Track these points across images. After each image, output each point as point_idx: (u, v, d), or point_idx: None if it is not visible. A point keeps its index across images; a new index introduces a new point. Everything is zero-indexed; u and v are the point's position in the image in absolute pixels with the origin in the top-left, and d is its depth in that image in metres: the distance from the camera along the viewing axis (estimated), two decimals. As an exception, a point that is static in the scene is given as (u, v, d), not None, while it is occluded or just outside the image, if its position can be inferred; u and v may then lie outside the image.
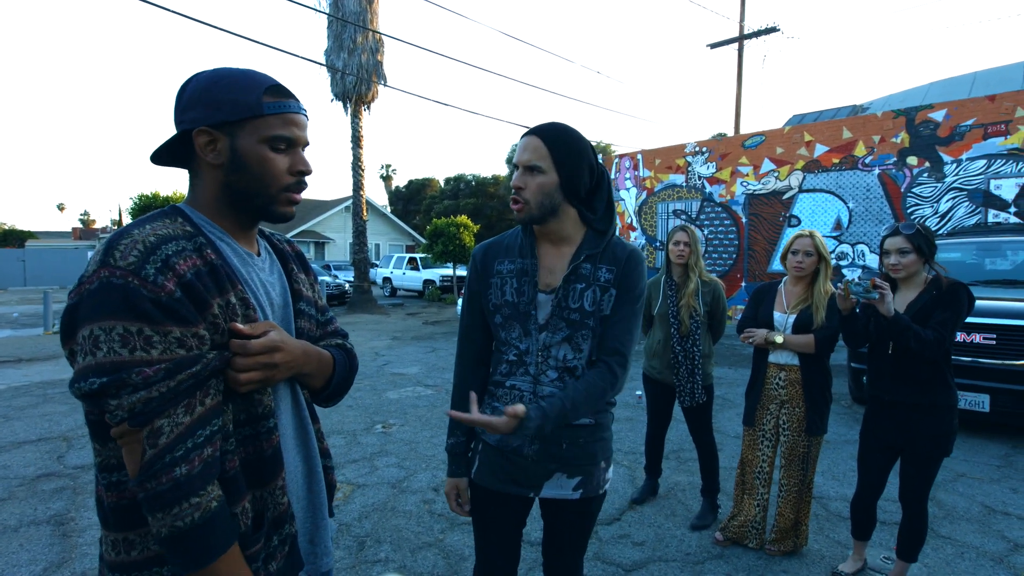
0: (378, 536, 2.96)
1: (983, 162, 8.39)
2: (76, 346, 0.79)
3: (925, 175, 8.91)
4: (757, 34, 15.69)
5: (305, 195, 1.05)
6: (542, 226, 1.36)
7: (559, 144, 1.29)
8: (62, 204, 51.77)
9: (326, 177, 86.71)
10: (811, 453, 2.64)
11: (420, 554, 2.78)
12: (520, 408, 1.17)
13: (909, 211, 9.04)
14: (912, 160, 9.01)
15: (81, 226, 60.65)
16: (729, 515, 2.92)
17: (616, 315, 1.32)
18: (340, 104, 15.58)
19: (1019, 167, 8.11)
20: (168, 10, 7.51)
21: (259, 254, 1.02)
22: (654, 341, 3.24)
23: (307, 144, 0.98)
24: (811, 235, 2.62)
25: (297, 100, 0.96)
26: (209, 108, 0.88)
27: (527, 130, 1.33)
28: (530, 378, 1.36)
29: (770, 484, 2.79)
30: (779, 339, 2.61)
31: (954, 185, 8.64)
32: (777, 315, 2.71)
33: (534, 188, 1.29)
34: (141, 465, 0.77)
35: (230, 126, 0.89)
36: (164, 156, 0.96)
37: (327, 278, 17.35)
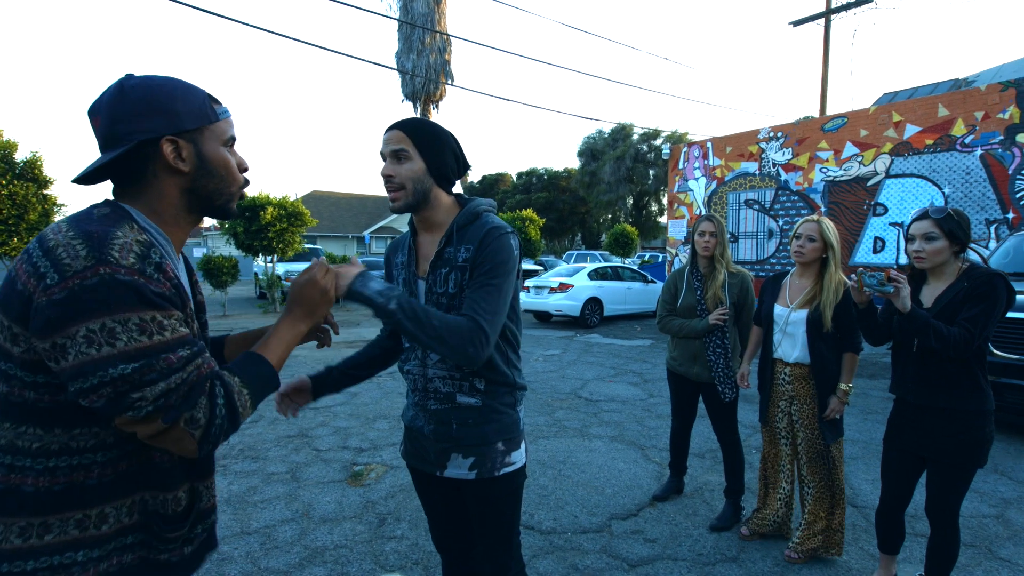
0: (399, 515, 3.11)
1: (1115, 137, 7.24)
2: (68, 340, 0.79)
3: (1040, 154, 7.83)
4: (847, 7, 14.42)
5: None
6: (419, 215, 1.40)
7: (418, 132, 1.33)
8: None
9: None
10: (832, 454, 2.50)
11: (433, 535, 2.89)
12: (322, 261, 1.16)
13: (1019, 195, 7.99)
14: (1023, 138, 7.94)
15: None
16: (755, 509, 2.87)
17: (472, 285, 1.29)
18: (410, 104, 16.18)
19: None
20: (240, 22, 8.16)
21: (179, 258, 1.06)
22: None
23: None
24: (818, 220, 2.50)
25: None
26: (168, 117, 0.93)
27: (388, 127, 1.37)
28: (419, 361, 1.43)
29: (793, 480, 2.70)
30: (844, 387, 2.46)
31: (1077, 165, 7.53)
32: (778, 309, 2.58)
33: (405, 173, 1.32)
34: (198, 442, 0.87)
35: (191, 133, 0.96)
36: (98, 172, 0.95)
37: None
